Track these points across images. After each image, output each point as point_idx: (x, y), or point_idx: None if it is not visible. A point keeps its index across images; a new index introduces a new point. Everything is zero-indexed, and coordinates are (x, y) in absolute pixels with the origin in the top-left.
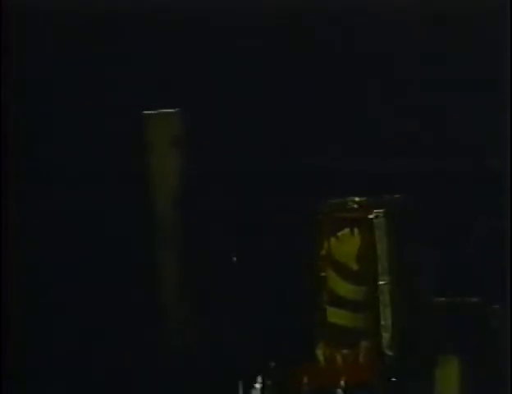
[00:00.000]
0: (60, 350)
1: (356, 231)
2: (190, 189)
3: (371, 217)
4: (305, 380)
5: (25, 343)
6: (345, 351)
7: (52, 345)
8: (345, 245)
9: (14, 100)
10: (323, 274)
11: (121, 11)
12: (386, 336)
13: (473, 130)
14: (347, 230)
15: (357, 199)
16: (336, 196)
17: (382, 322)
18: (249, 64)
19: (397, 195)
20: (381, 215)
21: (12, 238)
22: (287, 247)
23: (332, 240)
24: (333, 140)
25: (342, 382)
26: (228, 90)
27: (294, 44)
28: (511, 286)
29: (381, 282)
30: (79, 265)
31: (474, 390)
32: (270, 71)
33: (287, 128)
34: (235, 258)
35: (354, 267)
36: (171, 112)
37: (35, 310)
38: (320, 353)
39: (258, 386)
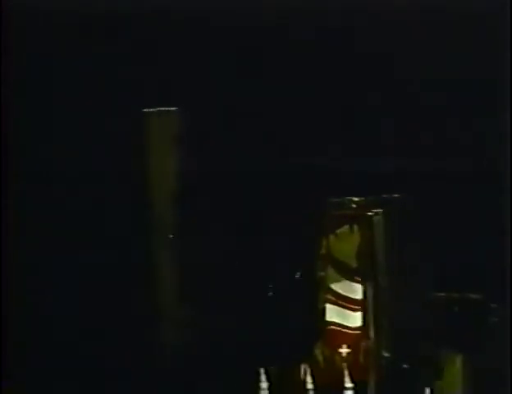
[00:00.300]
0: (60, 350)
1: (355, 227)
2: (190, 189)
3: (370, 213)
4: (304, 380)
5: (25, 343)
6: (343, 351)
7: (51, 345)
8: (345, 242)
9: (14, 100)
10: (323, 273)
11: (121, 11)
12: (384, 335)
13: (473, 130)
14: (346, 227)
15: (355, 198)
16: (336, 196)
17: (381, 322)
18: (249, 64)
19: (396, 195)
20: (380, 213)
21: (12, 238)
22: (287, 247)
23: (331, 237)
24: (333, 140)
25: (345, 383)
26: (228, 90)
27: (294, 44)
28: (511, 285)
29: (379, 281)
30: (78, 265)
31: (474, 390)
32: (270, 71)
33: (287, 128)
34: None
35: (354, 264)
36: (171, 112)
37: (35, 310)
38: (318, 352)
39: (264, 385)
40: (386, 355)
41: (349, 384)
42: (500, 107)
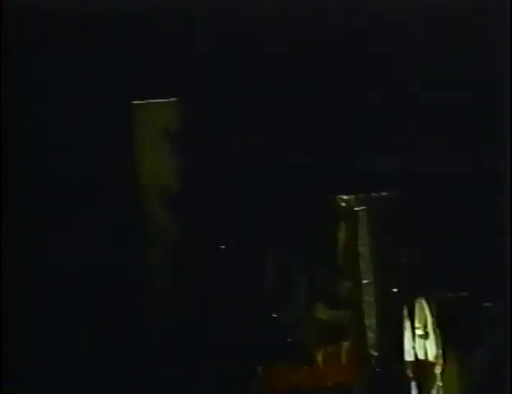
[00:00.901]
0: (60, 350)
1: (343, 225)
2: (189, 188)
3: (357, 209)
4: (290, 380)
5: (25, 343)
6: (329, 351)
7: (51, 345)
8: (333, 239)
9: (14, 100)
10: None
11: (121, 11)
12: (371, 335)
13: (473, 130)
14: (335, 224)
15: (344, 196)
16: (334, 195)
17: (367, 322)
18: (249, 64)
19: (384, 193)
20: (367, 210)
21: (12, 238)
22: (286, 246)
23: (321, 234)
24: (333, 140)
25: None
26: (228, 90)
27: (294, 44)
28: (511, 285)
29: (365, 281)
30: (78, 265)
31: (475, 390)
32: (270, 71)
33: (287, 128)
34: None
35: (340, 262)
36: (171, 111)
37: (35, 310)
38: (308, 352)
39: (255, 384)
40: (372, 356)
41: (335, 384)
42: (500, 107)
